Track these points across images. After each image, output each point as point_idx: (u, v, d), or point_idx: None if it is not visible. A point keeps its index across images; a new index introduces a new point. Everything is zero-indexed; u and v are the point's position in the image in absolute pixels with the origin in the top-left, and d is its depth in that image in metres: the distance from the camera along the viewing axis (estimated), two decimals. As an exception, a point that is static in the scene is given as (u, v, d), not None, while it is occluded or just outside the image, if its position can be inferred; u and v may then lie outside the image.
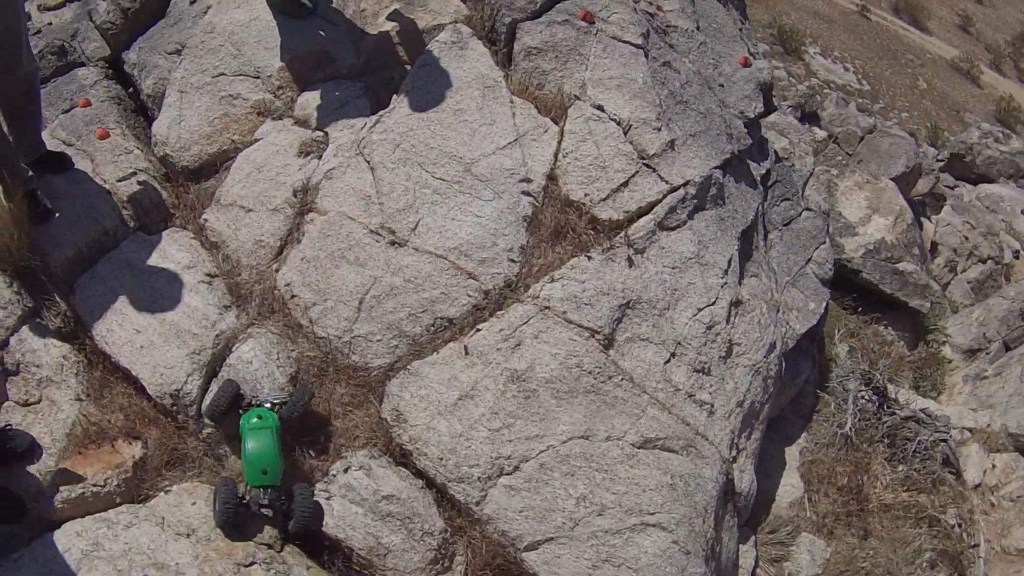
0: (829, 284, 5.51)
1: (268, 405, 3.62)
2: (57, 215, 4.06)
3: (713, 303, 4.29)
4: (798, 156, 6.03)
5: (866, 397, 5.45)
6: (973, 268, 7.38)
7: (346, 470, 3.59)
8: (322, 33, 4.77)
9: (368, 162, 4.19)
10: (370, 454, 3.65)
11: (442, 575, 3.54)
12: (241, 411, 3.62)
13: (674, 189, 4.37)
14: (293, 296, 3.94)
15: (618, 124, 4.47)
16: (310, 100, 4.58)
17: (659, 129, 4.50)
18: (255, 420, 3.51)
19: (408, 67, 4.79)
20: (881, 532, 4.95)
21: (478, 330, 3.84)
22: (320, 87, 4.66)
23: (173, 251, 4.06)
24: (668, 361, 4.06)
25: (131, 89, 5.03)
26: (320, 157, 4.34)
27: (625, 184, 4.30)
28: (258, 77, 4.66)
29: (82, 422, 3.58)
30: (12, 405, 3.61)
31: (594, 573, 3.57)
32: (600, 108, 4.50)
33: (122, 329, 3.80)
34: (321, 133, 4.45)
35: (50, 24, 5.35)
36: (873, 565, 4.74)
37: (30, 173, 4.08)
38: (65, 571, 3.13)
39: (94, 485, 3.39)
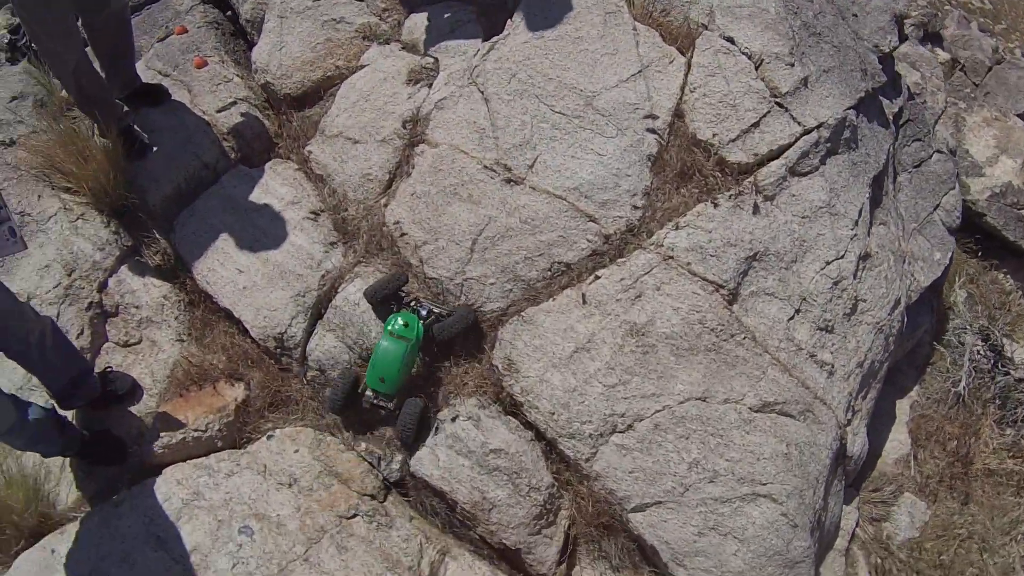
0: (955, 232, 5.02)
1: (424, 312, 3.40)
2: (155, 149, 3.81)
3: (842, 256, 3.87)
4: (929, 92, 5.42)
5: (981, 352, 5.02)
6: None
7: (454, 419, 3.35)
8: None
9: (482, 92, 3.81)
10: (479, 403, 3.39)
11: (546, 530, 3.34)
12: (396, 306, 3.44)
13: (807, 131, 3.89)
14: (403, 234, 3.63)
15: (749, 58, 3.97)
16: (418, 23, 4.18)
17: (792, 65, 4.00)
18: (399, 325, 3.29)
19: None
20: (982, 498, 4.60)
21: (597, 277, 3.49)
22: (428, 9, 4.25)
23: (276, 186, 3.77)
24: (792, 318, 3.69)
25: (229, 12, 4.68)
26: (430, 85, 3.96)
27: (756, 125, 3.84)
28: (362, 0, 4.29)
29: (183, 363, 3.39)
30: (112, 346, 3.45)
31: (699, 540, 3.30)
32: (730, 40, 4.00)
33: (224, 268, 3.57)
34: (431, 59, 4.07)
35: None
36: (970, 532, 4.40)
37: (125, 109, 3.84)
38: (165, 522, 3.00)
39: (195, 430, 3.22)
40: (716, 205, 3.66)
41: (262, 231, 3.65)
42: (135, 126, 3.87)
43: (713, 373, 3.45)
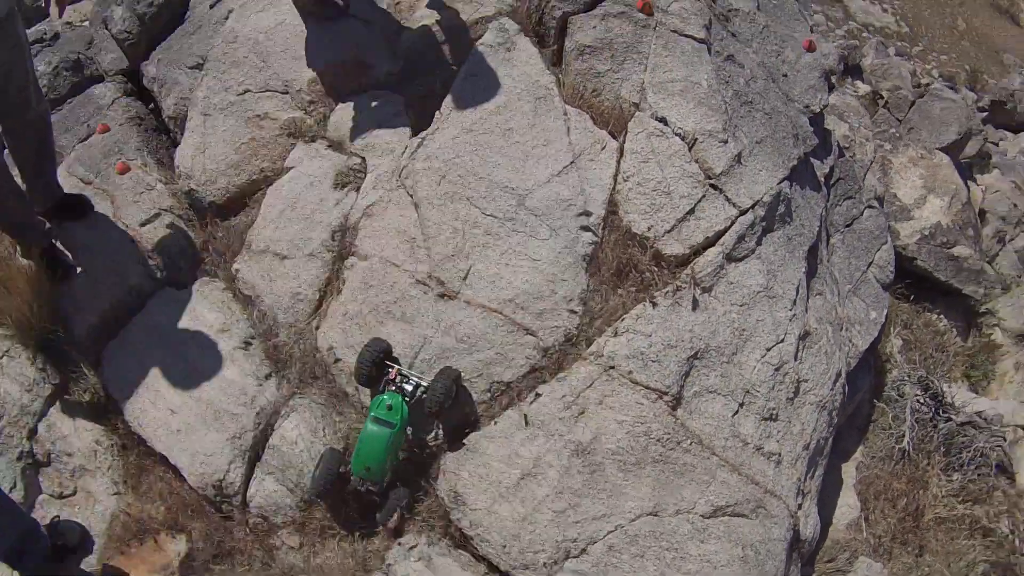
0: (888, 287, 4.88)
1: (411, 387, 3.12)
2: (79, 271, 3.46)
3: (782, 340, 3.67)
4: (858, 144, 5.28)
5: (922, 401, 4.89)
6: (1021, 237, 6.67)
7: (407, 556, 3.08)
8: (355, 36, 4.02)
9: (411, 196, 3.52)
10: (429, 539, 3.12)
11: (506, 661, 3.12)
12: (385, 382, 3.14)
13: (743, 212, 3.67)
14: (337, 360, 3.33)
15: (682, 139, 3.73)
16: (344, 117, 3.85)
17: (725, 141, 3.77)
18: (384, 410, 3.01)
19: (453, 68, 4.07)
20: (936, 547, 4.48)
21: (538, 395, 3.23)
22: (355, 99, 3.94)
23: (204, 311, 3.44)
24: (736, 413, 3.48)
25: (152, 105, 4.31)
26: (358, 189, 3.67)
27: (691, 212, 3.61)
28: (287, 92, 3.93)
29: (121, 517, 3.08)
30: (47, 498, 3.13)
31: (661, 655, 3.14)
32: (663, 120, 3.74)
33: (156, 409, 3.24)
34: (358, 159, 3.77)
35: (68, 24, 4.59)
36: (928, 583, 4.32)
37: (47, 226, 3.49)
38: None
39: (141, 596, 2.93)
40: (655, 305, 3.43)
41: (192, 366, 3.33)
42: (58, 244, 3.52)
43: (663, 484, 3.24)
